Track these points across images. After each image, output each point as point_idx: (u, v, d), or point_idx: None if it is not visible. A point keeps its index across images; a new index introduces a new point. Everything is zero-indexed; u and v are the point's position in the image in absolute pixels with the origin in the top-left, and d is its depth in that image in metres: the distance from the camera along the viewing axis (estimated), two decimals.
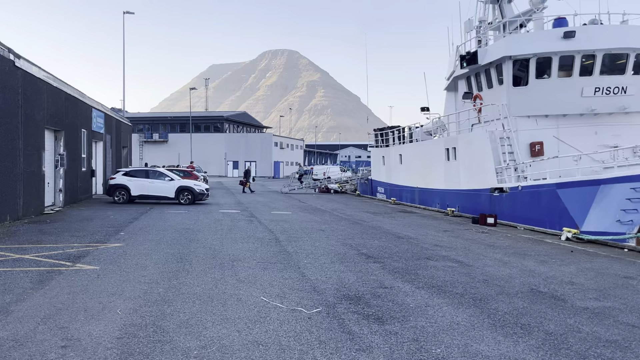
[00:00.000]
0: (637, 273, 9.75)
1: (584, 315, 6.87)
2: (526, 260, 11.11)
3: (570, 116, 19.75)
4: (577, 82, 19.01)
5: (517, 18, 22.93)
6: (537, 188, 17.44)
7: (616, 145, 18.58)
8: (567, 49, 18.67)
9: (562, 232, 14.56)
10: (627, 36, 18.84)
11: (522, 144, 19.79)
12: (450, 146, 23.31)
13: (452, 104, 26.75)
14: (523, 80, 19.87)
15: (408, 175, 29.00)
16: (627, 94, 19.06)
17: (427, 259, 11.07)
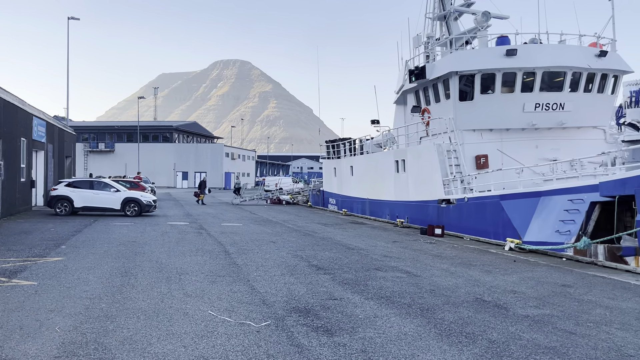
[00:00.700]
0: (574, 281, 10.19)
1: (525, 323, 7.11)
2: (472, 270, 11.42)
3: (513, 130, 20.55)
4: (519, 97, 19.83)
5: (463, 35, 23.75)
6: (482, 199, 18.00)
7: (555, 158, 19.44)
8: (510, 66, 19.47)
9: (506, 243, 15.06)
10: (564, 55, 19.84)
11: (468, 157, 20.41)
12: (399, 158, 23.76)
13: (401, 117, 27.32)
14: (469, 95, 20.54)
15: (359, 186, 29.32)
16: (565, 110, 20.03)
17: (377, 270, 11.19)
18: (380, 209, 26.18)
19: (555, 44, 20.89)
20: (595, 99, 20.39)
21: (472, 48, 23.30)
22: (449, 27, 25.27)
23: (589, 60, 19.76)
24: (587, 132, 20.97)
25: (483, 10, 22.90)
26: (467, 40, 23.62)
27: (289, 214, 29.66)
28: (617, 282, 10.08)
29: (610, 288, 9.53)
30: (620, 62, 20.60)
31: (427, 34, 25.26)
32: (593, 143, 20.55)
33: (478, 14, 22.89)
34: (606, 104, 21.15)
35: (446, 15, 25.41)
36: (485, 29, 22.61)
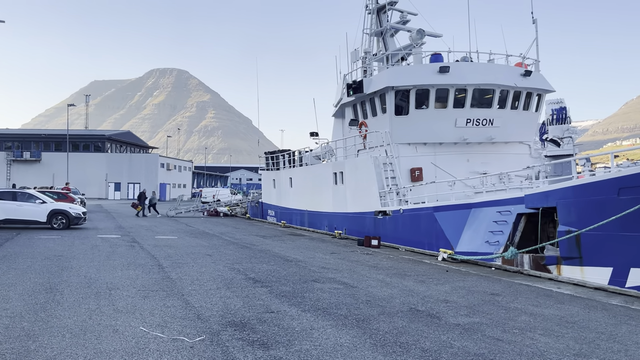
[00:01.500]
0: (502, 290, 10.64)
1: (456, 332, 7.34)
2: (406, 280, 11.67)
3: (445, 144, 21.31)
4: (451, 113, 20.60)
5: (399, 51, 24.47)
6: (417, 211, 18.49)
7: (485, 171, 20.32)
8: (443, 82, 20.23)
9: (439, 253, 15.51)
10: (493, 74, 20.85)
11: (403, 170, 20.93)
12: (337, 170, 24.02)
13: (339, 129, 27.68)
14: (404, 109, 21.13)
15: (298, 198, 29.35)
16: (494, 125, 21.00)
17: (314, 282, 11.21)
18: (319, 220, 26.31)
19: (485, 63, 21.91)
20: (521, 115, 21.53)
21: (407, 64, 24.03)
22: (385, 43, 25.96)
23: (515, 79, 20.87)
24: (514, 147, 22.08)
25: (418, 28, 23.71)
26: (403, 56, 24.35)
27: (227, 226, 29.22)
28: (541, 290, 10.62)
29: (535, 296, 10.02)
30: (543, 82, 21.89)
31: (364, 49, 25.83)
32: (519, 157, 21.66)
33: (413, 31, 23.68)
34: (531, 120, 22.38)
35: (383, 32, 26.10)
36: (420, 46, 23.41)
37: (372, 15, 26.43)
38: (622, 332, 7.39)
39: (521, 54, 22.00)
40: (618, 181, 11.32)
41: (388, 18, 26.23)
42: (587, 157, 15.69)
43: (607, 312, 8.64)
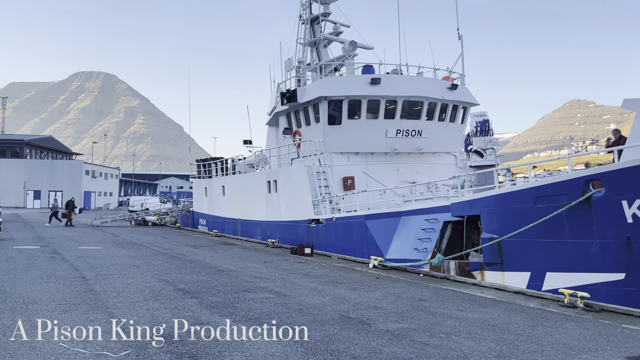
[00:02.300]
0: (430, 295, 10.99)
1: (386, 337, 7.50)
2: (338, 288, 11.79)
3: (377, 154, 21.80)
4: (382, 124, 21.12)
5: (332, 62, 24.84)
6: (349, 219, 18.77)
7: (414, 181, 20.97)
8: (374, 93, 20.71)
9: (370, 260, 15.80)
10: (422, 86, 21.61)
11: (336, 178, 21.20)
12: (271, 179, 23.95)
13: (273, 138, 27.65)
14: (337, 119, 21.43)
15: (231, 207, 28.96)
16: (422, 136, 21.74)
17: (246, 292, 11.08)
18: (252, 229, 26.07)
19: (414, 76, 22.67)
20: (448, 127, 22.43)
21: (340, 75, 24.44)
22: (319, 53, 26.28)
23: (443, 92, 21.74)
24: (441, 157, 22.95)
25: (350, 39, 24.19)
26: (336, 67, 24.75)
27: (155, 235, 28.32)
28: (466, 295, 11.06)
29: (460, 300, 10.43)
30: (469, 95, 22.95)
31: (298, 58, 26.01)
32: (446, 167, 22.54)
33: (346, 43, 24.13)
34: (457, 132, 23.36)
35: (316, 42, 26.42)
36: (352, 57, 23.88)
37: (306, 26, 26.71)
38: (538, 333, 7.83)
39: (448, 68, 22.96)
40: (535, 191, 12.02)
41: (321, 29, 26.60)
42: (508, 167, 16.55)
43: (526, 315, 9.13)
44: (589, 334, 7.78)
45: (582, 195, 11.01)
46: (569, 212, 11.28)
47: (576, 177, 11.27)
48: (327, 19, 26.48)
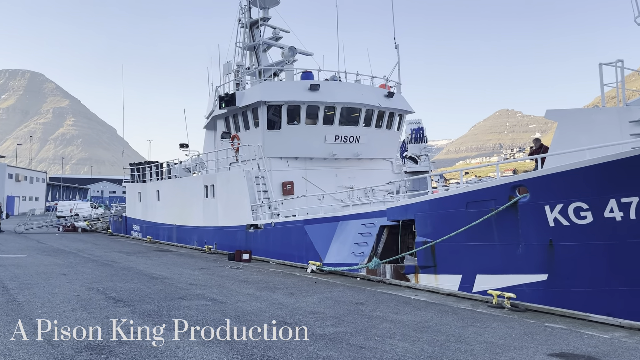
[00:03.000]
0: (366, 299, 11.17)
1: (322, 342, 7.55)
2: (276, 293, 11.75)
3: (316, 159, 21.96)
4: (321, 129, 21.31)
5: (272, 67, 24.82)
6: (288, 224, 18.76)
7: (352, 186, 21.28)
8: (313, 99, 20.88)
9: (308, 265, 15.86)
10: (360, 94, 22.00)
11: (275, 183, 21.15)
12: (209, 183, 23.56)
13: (211, 142, 27.22)
14: (276, 124, 21.42)
15: (166, 212, 28.22)
16: (360, 142, 22.11)
17: (181, 299, 10.82)
18: (189, 235, 25.51)
19: (352, 83, 23.05)
20: (385, 134, 22.95)
21: (279, 80, 24.45)
22: (258, 57, 26.19)
23: (380, 100, 22.22)
24: (378, 163, 23.44)
25: (290, 45, 24.27)
26: (275, 72, 24.74)
27: (85, 242, 27.12)
28: (401, 298, 11.32)
29: (395, 303, 10.66)
30: (404, 103, 23.59)
31: (237, 62, 25.78)
32: (383, 173, 23.04)
33: (285, 48, 24.18)
34: (393, 139, 23.94)
35: (256, 46, 26.32)
36: (292, 63, 23.96)
37: (245, 30, 26.56)
38: (468, 334, 8.14)
39: (385, 77, 23.51)
40: (466, 196, 12.52)
41: (261, 33, 26.53)
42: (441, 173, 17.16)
43: (457, 316, 9.46)
44: (514, 333, 8.17)
45: (509, 200, 11.58)
46: (497, 217, 11.82)
47: (503, 183, 11.83)
48: (267, 24, 26.45)
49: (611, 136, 11.52)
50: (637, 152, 9.73)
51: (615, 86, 11.93)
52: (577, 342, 7.63)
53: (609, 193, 10.15)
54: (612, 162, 9.95)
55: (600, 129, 11.94)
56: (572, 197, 10.59)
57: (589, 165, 10.23)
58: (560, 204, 10.77)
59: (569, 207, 10.66)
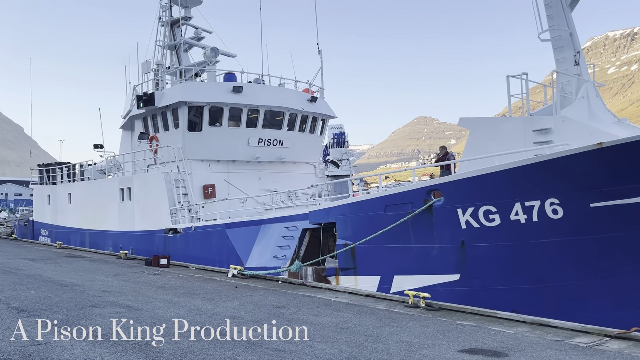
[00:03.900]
0: (287, 302, 11.18)
1: (241, 346, 7.47)
2: (195, 299, 11.48)
3: (238, 162, 21.71)
4: (244, 132, 21.10)
5: (193, 67, 24.27)
6: (209, 228, 18.40)
7: (275, 189, 21.24)
8: (236, 101, 20.64)
9: (229, 270, 15.63)
10: (283, 97, 22.04)
11: (196, 186, 20.68)
12: (125, 186, 22.61)
13: (128, 143, 26.14)
14: (198, 126, 20.96)
15: (78, 216, 26.75)
16: (284, 146, 22.13)
17: (93, 307, 10.30)
18: (103, 240, 24.33)
19: (276, 86, 23.05)
20: (308, 138, 23.13)
21: (201, 80, 23.97)
22: (179, 57, 25.53)
23: (303, 104, 22.38)
24: (301, 167, 23.58)
25: (212, 46, 23.87)
26: (197, 72, 24.23)
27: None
28: (321, 300, 11.44)
29: (316, 306, 10.76)
30: (327, 108, 23.92)
31: (156, 61, 24.97)
32: (306, 176, 23.19)
33: (207, 48, 23.75)
34: (316, 143, 24.20)
35: (177, 46, 25.64)
36: (214, 63, 23.57)
37: (166, 28, 25.79)
38: (385, 333, 8.37)
39: (308, 81, 23.72)
40: (384, 199, 12.89)
41: (182, 33, 25.89)
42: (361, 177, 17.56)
43: (375, 316, 9.70)
44: (428, 331, 8.51)
45: (425, 204, 12.06)
46: (414, 220, 12.27)
47: (419, 187, 12.30)
48: (189, 23, 25.84)
49: (517, 144, 12.35)
50: (539, 159, 10.47)
51: (521, 97, 12.79)
52: (485, 338, 8.07)
53: (514, 197, 10.84)
54: (517, 168, 10.64)
55: (508, 136, 12.77)
56: (482, 200, 11.20)
57: (497, 171, 10.87)
58: (471, 207, 11.36)
59: (479, 210, 11.27)
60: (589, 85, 12.97)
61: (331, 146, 22.17)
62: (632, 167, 9.71)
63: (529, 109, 12.89)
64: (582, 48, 13.69)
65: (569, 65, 13.18)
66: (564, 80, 13.24)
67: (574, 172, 10.11)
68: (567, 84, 13.22)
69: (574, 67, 13.12)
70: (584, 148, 9.89)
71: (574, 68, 13.12)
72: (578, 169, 10.06)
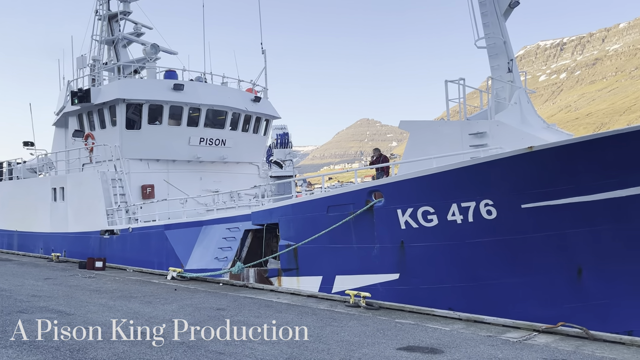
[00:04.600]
0: (228, 304, 11.04)
1: (180, 350, 7.30)
2: (132, 302, 11.13)
3: (179, 162, 21.22)
4: (185, 131, 20.65)
5: (132, 63, 23.52)
6: (147, 230, 17.90)
7: (217, 190, 20.93)
8: (177, 100, 20.16)
9: (169, 272, 15.25)
10: (226, 96, 21.73)
11: (134, 186, 20.05)
12: (58, 186, 21.61)
13: (61, 140, 24.96)
14: (137, 124, 20.33)
15: (5, 217, 25.31)
16: (226, 146, 21.83)
17: (21, 313, 9.77)
18: (33, 242, 23.13)
19: (218, 85, 22.71)
20: (251, 138, 22.94)
21: (140, 77, 23.28)
22: (117, 53, 24.69)
23: (246, 104, 22.17)
24: (245, 167, 23.35)
25: (152, 42, 23.22)
26: (136, 69, 23.51)
27: None
28: (263, 301, 11.38)
29: (257, 307, 10.69)
30: (271, 109, 23.81)
31: (93, 56, 24.04)
32: (249, 177, 23.00)
33: (147, 45, 23.07)
34: (260, 143, 24.04)
35: (115, 41, 24.78)
36: (154, 60, 22.92)
37: (103, 22, 24.86)
38: (326, 333, 8.43)
39: (252, 81, 23.54)
40: (327, 200, 12.99)
41: (121, 27, 25.05)
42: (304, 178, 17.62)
43: (316, 316, 9.75)
44: (368, 330, 8.64)
45: (366, 204, 12.25)
46: (356, 220, 12.43)
47: (361, 188, 12.49)
48: (128, 18, 25.04)
49: (455, 146, 12.78)
50: (474, 162, 10.87)
51: (458, 102, 13.25)
52: (422, 336, 8.29)
53: (451, 198, 11.20)
54: (454, 171, 11.00)
55: (446, 139, 13.18)
56: (421, 201, 11.51)
57: (434, 173, 11.20)
58: (410, 208, 11.64)
59: (418, 210, 11.57)
60: (521, 92, 13.60)
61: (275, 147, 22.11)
62: (560, 170, 10.26)
63: (465, 113, 13.37)
64: (515, 56, 14.34)
65: (503, 72, 13.77)
66: (498, 86, 13.82)
67: (506, 175, 10.57)
68: (501, 90, 13.81)
69: (508, 74, 13.72)
70: (516, 152, 10.36)
71: (507, 75, 13.73)
72: (510, 171, 10.52)
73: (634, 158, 9.73)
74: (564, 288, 10.91)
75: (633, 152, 9.66)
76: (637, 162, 9.77)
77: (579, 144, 10.04)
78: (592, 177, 10.11)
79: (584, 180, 10.17)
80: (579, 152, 10.02)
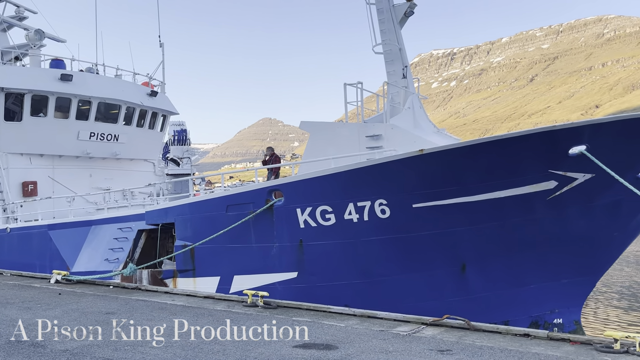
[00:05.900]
0: (118, 308, 10.50)
1: (63, 358, 6.83)
2: (9, 309, 10.22)
3: (66, 157, 19.86)
4: (73, 124, 19.36)
5: (13, 49, 21.61)
6: (28, 230, 16.57)
7: (109, 187, 19.84)
8: (64, 91, 18.84)
9: (52, 275, 14.19)
10: (120, 89, 20.68)
11: (13, 183, 18.49)
12: None
13: None
14: (17, 115, 18.74)
15: None
16: (119, 141, 20.77)
17: None
18: None
19: (112, 77, 21.54)
20: (147, 134, 22.02)
21: (22, 65, 21.46)
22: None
23: (142, 98, 21.24)
24: (139, 165, 22.36)
25: (37, 27, 21.47)
26: (18, 56, 21.62)
27: None
28: (157, 304, 10.95)
29: (150, 310, 10.27)
30: (168, 104, 23.02)
31: None
32: (144, 175, 22.06)
33: (31, 30, 21.30)
34: (156, 139, 23.14)
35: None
36: (39, 47, 21.23)
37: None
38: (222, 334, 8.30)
39: (148, 74, 22.60)
40: (226, 199, 12.81)
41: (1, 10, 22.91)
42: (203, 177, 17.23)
43: (212, 317, 9.57)
44: (265, 330, 8.63)
45: (266, 204, 12.25)
46: (255, 219, 12.39)
47: (261, 187, 12.47)
48: (9, 0, 22.96)
49: (352, 148, 13.17)
50: (369, 163, 11.28)
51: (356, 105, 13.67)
52: (318, 333, 8.44)
53: (348, 198, 11.53)
54: (351, 171, 11.34)
55: (344, 141, 13.55)
56: (319, 200, 11.72)
57: (332, 173, 11.47)
58: (309, 207, 11.82)
59: (316, 210, 11.77)
60: (415, 98, 14.33)
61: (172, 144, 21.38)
62: (448, 172, 10.95)
63: (363, 116, 13.82)
64: (410, 63, 15.08)
65: (398, 78, 14.41)
66: (393, 91, 14.45)
67: (399, 176, 11.09)
68: (396, 94, 14.45)
69: (402, 79, 14.39)
70: (408, 154, 10.89)
71: (402, 81, 14.39)
72: (403, 172, 11.05)
73: (512, 162, 10.64)
74: (450, 283, 11.67)
75: (511, 156, 10.56)
76: (516, 166, 10.69)
77: (464, 147, 10.77)
78: (475, 178, 10.89)
79: (469, 182, 10.93)
80: (464, 155, 10.76)
